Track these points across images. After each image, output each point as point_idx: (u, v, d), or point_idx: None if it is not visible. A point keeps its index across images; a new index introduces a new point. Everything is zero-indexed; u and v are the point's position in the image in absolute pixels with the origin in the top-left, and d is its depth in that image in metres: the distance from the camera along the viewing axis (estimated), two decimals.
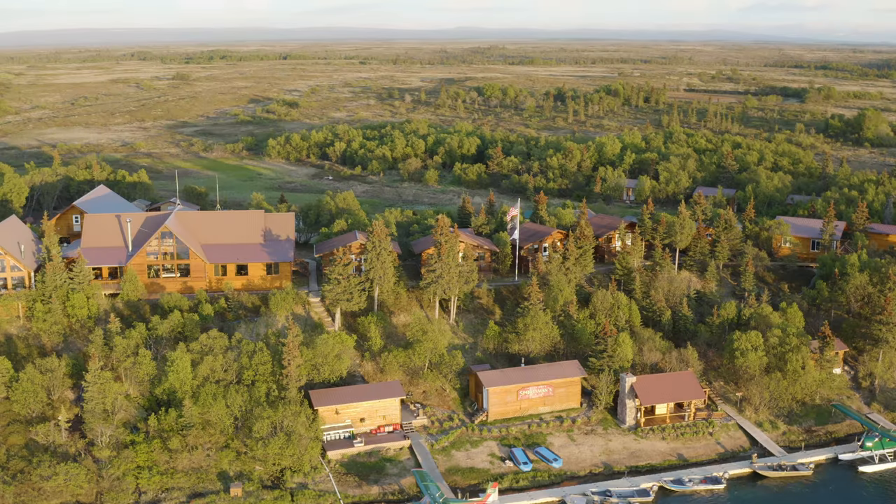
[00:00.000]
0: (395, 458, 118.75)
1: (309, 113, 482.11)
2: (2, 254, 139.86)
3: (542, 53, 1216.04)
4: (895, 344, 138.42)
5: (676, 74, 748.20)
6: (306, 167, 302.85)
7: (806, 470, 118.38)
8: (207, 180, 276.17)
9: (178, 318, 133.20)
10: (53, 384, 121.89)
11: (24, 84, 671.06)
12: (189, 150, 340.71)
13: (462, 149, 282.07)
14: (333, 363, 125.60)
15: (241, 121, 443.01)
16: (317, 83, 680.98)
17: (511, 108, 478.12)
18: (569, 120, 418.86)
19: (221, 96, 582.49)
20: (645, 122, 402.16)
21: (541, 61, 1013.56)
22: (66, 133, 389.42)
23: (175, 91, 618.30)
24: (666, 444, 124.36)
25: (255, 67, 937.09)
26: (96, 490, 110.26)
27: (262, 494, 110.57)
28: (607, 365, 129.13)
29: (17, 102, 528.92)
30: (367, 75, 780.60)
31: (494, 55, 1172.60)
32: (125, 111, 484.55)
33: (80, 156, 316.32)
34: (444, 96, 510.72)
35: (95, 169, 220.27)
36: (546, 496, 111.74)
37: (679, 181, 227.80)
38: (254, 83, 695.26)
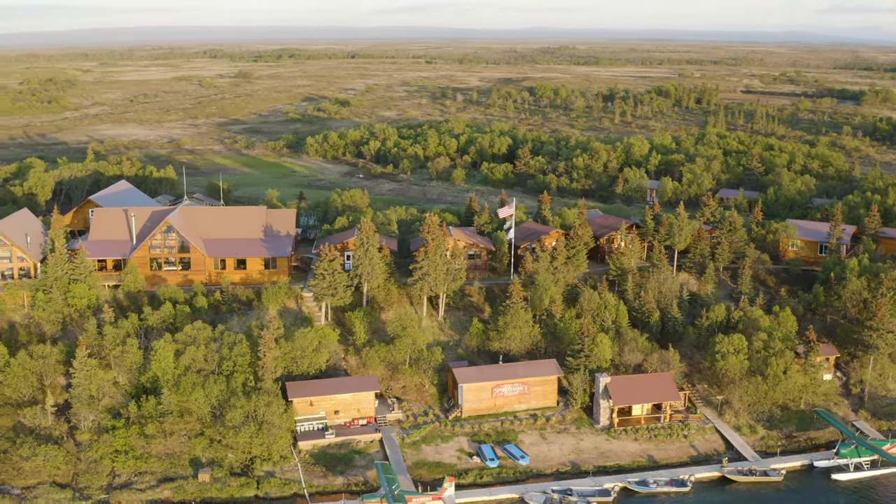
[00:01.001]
0: (365, 451, 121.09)
1: (359, 111, 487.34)
2: (8, 245, 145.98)
3: (612, 54, 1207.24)
4: (886, 350, 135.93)
5: (738, 76, 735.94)
6: (341, 165, 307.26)
7: (776, 476, 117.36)
8: (243, 177, 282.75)
9: (169, 310, 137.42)
10: (46, 370, 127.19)
11: (90, 81, 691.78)
12: (232, 147, 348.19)
13: (493, 148, 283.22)
14: (312, 356, 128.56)
15: (290, 119, 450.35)
16: (375, 82, 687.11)
17: (560, 108, 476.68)
18: (615, 121, 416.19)
19: (277, 94, 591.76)
20: (692, 123, 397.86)
21: (606, 62, 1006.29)
22: (118, 129, 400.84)
23: (234, 89, 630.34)
24: (638, 446, 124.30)
25: (319, 66, 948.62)
26: (73, 472, 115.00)
27: (229, 481, 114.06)
28: (584, 364, 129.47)
29: (78, 99, 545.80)
30: (427, 74, 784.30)
31: (563, 55, 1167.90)
32: (180, 108, 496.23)
33: (125, 151, 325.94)
34: (496, 96, 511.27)
35: (125, 165, 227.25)
36: (507, 493, 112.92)
37: (702, 183, 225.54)
38: (314, 81, 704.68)
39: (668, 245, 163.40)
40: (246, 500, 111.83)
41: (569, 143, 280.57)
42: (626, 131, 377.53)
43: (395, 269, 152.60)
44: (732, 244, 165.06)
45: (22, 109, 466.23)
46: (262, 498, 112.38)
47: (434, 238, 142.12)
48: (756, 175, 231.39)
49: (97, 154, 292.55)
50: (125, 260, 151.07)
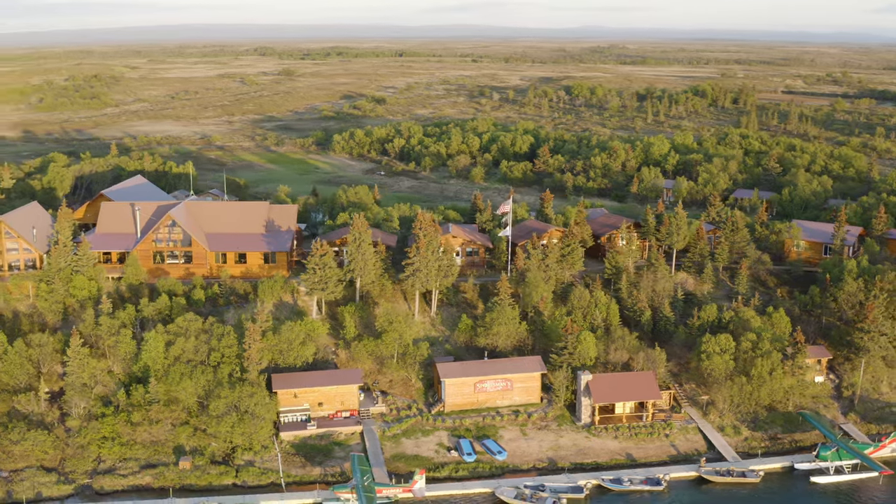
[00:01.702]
0: (345, 443, 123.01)
1: (394, 109, 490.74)
2: (15, 237, 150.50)
3: (661, 53, 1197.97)
4: (878, 353, 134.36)
5: (783, 76, 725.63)
6: (366, 162, 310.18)
7: (754, 477, 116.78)
8: (267, 173, 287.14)
9: (165, 302, 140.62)
10: (43, 358, 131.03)
11: (135, 78, 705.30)
12: (261, 144, 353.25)
13: (514, 147, 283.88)
14: (299, 349, 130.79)
15: (324, 116, 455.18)
16: (416, 80, 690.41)
17: (595, 107, 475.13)
18: (648, 120, 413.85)
19: (317, 92, 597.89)
20: (725, 123, 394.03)
21: (652, 61, 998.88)
22: (153, 126, 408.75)
23: (275, 86, 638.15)
24: (617, 444, 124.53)
25: (364, 64, 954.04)
26: (60, 456, 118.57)
27: (208, 469, 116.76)
28: (567, 362, 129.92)
29: (121, 95, 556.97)
30: (470, 73, 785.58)
31: (612, 55, 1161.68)
32: (218, 105, 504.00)
33: (156, 147, 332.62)
34: (531, 95, 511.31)
35: (146, 160, 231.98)
36: (480, 487, 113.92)
37: (717, 183, 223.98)
38: (355, 79, 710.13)
39: (669, 244, 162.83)
40: (224, 488, 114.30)
41: (590, 143, 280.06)
42: (658, 130, 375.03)
43: (393, 265, 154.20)
44: (735, 244, 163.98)
45: (63, 105, 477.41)
46: (240, 486, 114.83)
47: (426, 235, 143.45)
48: (773, 175, 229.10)
49: (126, 149, 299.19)
50: (129, 253, 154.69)
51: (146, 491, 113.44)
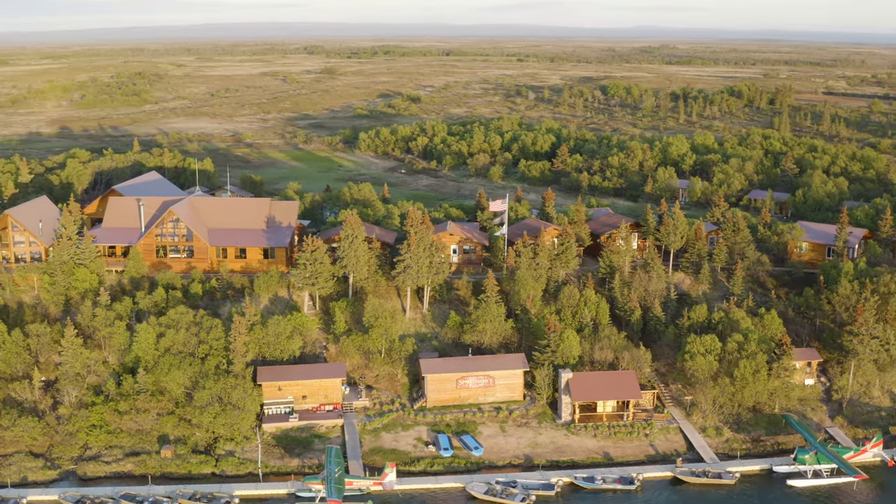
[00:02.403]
0: (326, 436, 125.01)
1: (428, 108, 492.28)
2: (21, 229, 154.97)
3: (712, 54, 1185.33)
4: (868, 357, 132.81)
5: (826, 77, 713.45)
6: (389, 160, 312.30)
7: (730, 478, 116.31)
8: (290, 170, 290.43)
9: (161, 295, 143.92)
10: (41, 348, 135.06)
11: (178, 76, 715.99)
12: (290, 142, 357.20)
13: (535, 146, 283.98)
14: (285, 343, 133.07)
15: (357, 115, 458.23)
16: (456, 79, 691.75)
17: (629, 107, 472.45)
18: (680, 120, 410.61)
19: (355, 91, 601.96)
20: (758, 124, 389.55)
21: (699, 61, 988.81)
22: (189, 123, 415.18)
23: (315, 85, 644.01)
24: (596, 442, 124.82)
25: (409, 63, 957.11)
26: (49, 443, 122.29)
27: (189, 458, 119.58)
28: (549, 360, 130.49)
29: (162, 93, 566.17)
30: (512, 72, 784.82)
31: (661, 55, 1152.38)
32: (255, 103, 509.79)
33: (187, 143, 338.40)
34: (567, 94, 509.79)
35: (167, 156, 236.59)
36: (451, 482, 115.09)
37: (732, 183, 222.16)
38: (396, 78, 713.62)
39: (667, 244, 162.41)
40: (202, 477, 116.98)
41: (610, 142, 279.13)
42: (689, 131, 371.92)
43: (389, 262, 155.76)
44: (736, 245, 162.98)
45: (104, 102, 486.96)
46: (218, 475, 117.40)
47: (417, 232, 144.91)
48: (790, 176, 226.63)
49: (156, 145, 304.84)
50: (133, 247, 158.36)
51: (128, 478, 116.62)
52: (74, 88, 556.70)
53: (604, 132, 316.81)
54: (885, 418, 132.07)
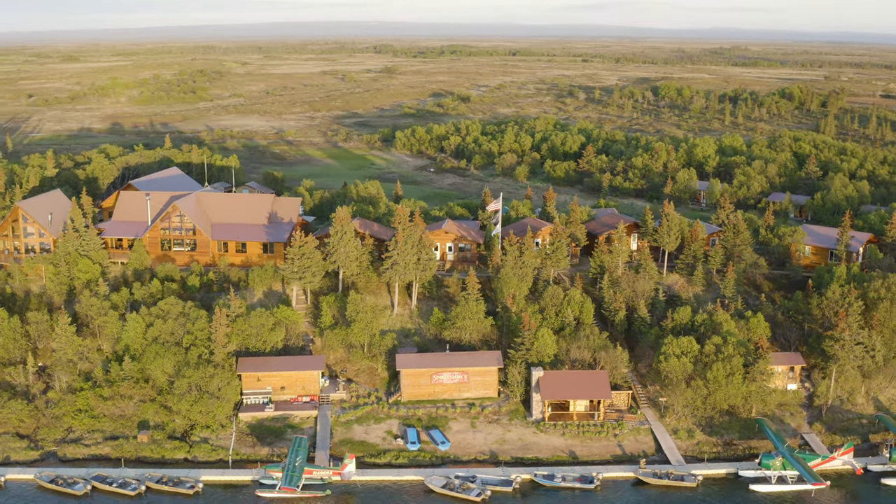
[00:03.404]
0: (299, 426, 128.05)
1: (476, 108, 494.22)
2: (31, 221, 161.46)
3: (783, 56, 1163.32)
4: (851, 363, 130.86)
5: (888, 80, 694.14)
6: (422, 159, 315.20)
7: (692, 481, 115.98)
8: (321, 167, 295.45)
9: (157, 286, 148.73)
10: (39, 335, 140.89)
11: (240, 74, 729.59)
12: (330, 140, 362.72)
13: (564, 146, 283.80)
14: (266, 335, 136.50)
15: (404, 114, 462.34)
16: (513, 80, 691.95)
17: (678, 108, 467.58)
18: (725, 122, 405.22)
19: (409, 90, 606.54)
20: (805, 126, 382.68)
21: (764, 63, 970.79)
22: (238, 120, 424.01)
23: (372, 84, 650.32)
24: (563, 441, 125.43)
25: (471, 63, 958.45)
26: (35, 425, 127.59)
27: (164, 443, 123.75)
28: (523, 358, 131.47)
29: (220, 90, 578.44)
30: (570, 73, 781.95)
31: (731, 56, 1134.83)
32: (307, 101, 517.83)
33: (229, 140, 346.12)
34: (617, 95, 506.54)
35: (195, 153, 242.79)
36: (411, 475, 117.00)
37: (752, 185, 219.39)
38: (453, 78, 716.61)
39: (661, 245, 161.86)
40: (175, 462, 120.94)
41: (638, 143, 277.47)
42: (734, 131, 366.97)
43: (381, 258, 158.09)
44: (736, 247, 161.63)
45: (160, 99, 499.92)
46: (190, 461, 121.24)
47: (404, 229, 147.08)
48: (813, 179, 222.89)
49: (200, 142, 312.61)
50: (139, 240, 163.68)
51: (105, 460, 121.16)
52: (135, 85, 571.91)
53: (633, 134, 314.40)
54: (866, 426, 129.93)
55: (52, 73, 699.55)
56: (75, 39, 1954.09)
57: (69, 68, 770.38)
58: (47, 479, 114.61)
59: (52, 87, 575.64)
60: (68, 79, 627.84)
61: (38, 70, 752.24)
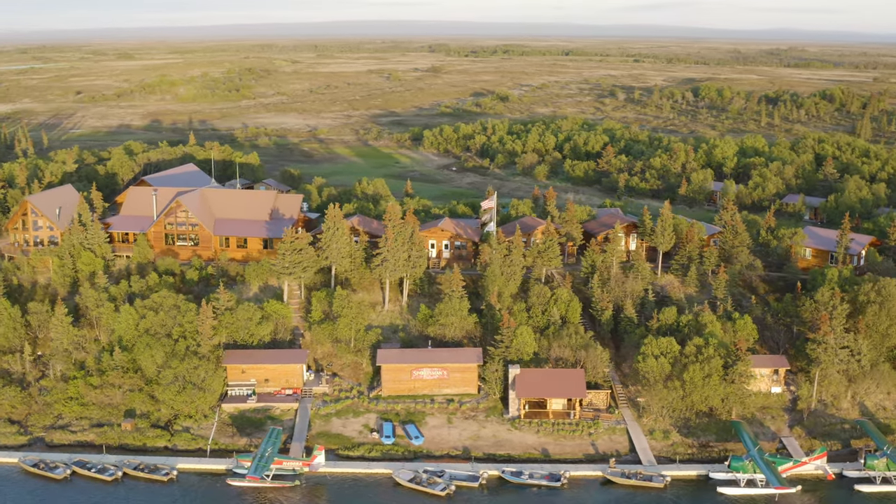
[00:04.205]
0: (279, 418, 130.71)
1: (514, 107, 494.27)
2: (39, 215, 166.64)
3: (839, 57, 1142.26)
4: (833, 366, 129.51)
5: None
6: (448, 157, 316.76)
7: (659, 482, 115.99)
8: (346, 165, 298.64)
9: (155, 280, 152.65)
10: (39, 325, 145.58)
11: (287, 72, 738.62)
12: (361, 138, 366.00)
13: (587, 146, 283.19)
14: (253, 328, 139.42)
15: (441, 113, 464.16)
16: (557, 79, 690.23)
17: (716, 109, 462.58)
18: (762, 123, 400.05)
19: (451, 89, 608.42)
20: (841, 128, 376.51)
21: (817, 64, 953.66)
22: (275, 118, 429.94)
23: (416, 83, 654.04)
24: (537, 438, 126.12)
25: (520, 62, 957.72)
26: (27, 412, 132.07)
27: (147, 431, 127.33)
28: (502, 355, 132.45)
29: (265, 88, 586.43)
30: (617, 73, 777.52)
31: (787, 57, 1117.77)
32: (348, 100, 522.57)
33: (262, 137, 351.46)
34: (657, 96, 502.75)
35: (216, 150, 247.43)
36: (381, 468, 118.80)
37: (767, 187, 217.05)
38: (497, 77, 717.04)
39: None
40: (155, 449, 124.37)
41: (660, 143, 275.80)
42: (766, 133, 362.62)
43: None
44: (734, 248, 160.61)
45: (203, 97, 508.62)
46: (170, 449, 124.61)
47: (394, 226, 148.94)
48: (830, 181, 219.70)
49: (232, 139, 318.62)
50: (145, 234, 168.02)
51: (89, 447, 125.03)
52: (181, 83, 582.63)
53: (657, 134, 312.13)
54: (848, 431, 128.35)
55: (103, 71, 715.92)
56: (139, 37, 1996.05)
57: (121, 66, 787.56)
58: (30, 464, 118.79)
59: (100, 84, 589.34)
60: (117, 76, 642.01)
61: (91, 67, 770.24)
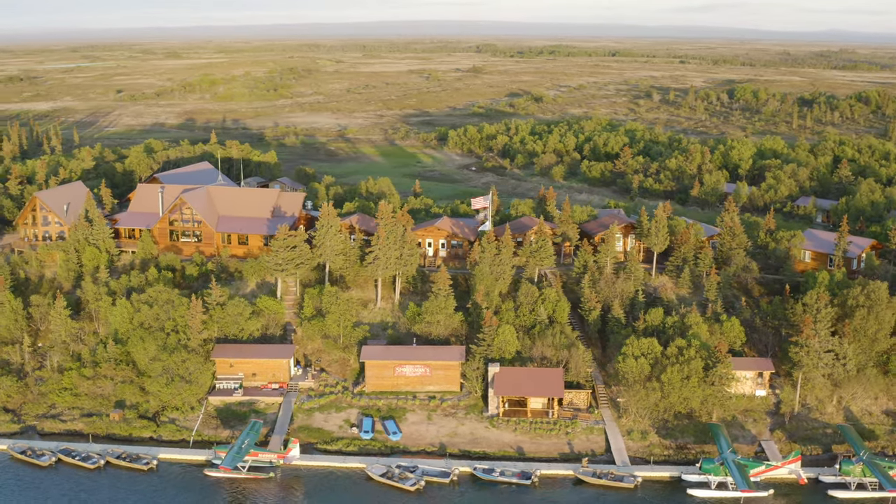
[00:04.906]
0: (263, 411, 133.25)
1: (546, 108, 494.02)
2: (47, 210, 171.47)
3: (891, 60, 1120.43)
4: (817, 370, 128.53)
5: None
6: (471, 157, 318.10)
7: (630, 482, 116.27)
8: (367, 164, 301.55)
9: (154, 274, 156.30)
10: (41, 317, 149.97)
11: (329, 72, 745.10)
12: (388, 138, 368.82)
13: (606, 147, 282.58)
14: (243, 323, 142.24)
15: (472, 113, 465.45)
16: (596, 80, 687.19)
17: (751, 111, 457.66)
18: (794, 125, 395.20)
19: (489, 89, 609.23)
20: (873, 131, 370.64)
21: (864, 66, 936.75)
22: (308, 117, 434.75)
23: (454, 83, 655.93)
24: (513, 437, 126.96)
25: (566, 63, 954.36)
26: (22, 401, 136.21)
27: (134, 422, 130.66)
28: (484, 353, 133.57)
29: (304, 88, 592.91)
30: (658, 74, 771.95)
31: (839, 59, 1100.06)
32: (383, 100, 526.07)
33: (290, 136, 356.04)
34: (692, 97, 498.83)
35: (235, 148, 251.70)
36: (356, 462, 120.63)
37: (779, 189, 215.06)
38: (537, 77, 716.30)
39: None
40: (141, 440, 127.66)
41: (680, 144, 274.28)
42: (794, 136, 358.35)
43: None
44: (731, 250, 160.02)
45: (241, 96, 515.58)
46: (155, 439, 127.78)
47: (386, 225, 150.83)
48: (844, 184, 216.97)
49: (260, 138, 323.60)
50: (150, 230, 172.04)
51: (78, 435, 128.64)
52: (221, 83, 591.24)
53: (677, 135, 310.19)
54: (830, 436, 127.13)
55: (148, 70, 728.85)
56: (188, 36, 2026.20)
57: (167, 64, 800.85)
58: (19, 451, 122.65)
59: (143, 83, 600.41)
60: (161, 75, 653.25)
61: (138, 66, 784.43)
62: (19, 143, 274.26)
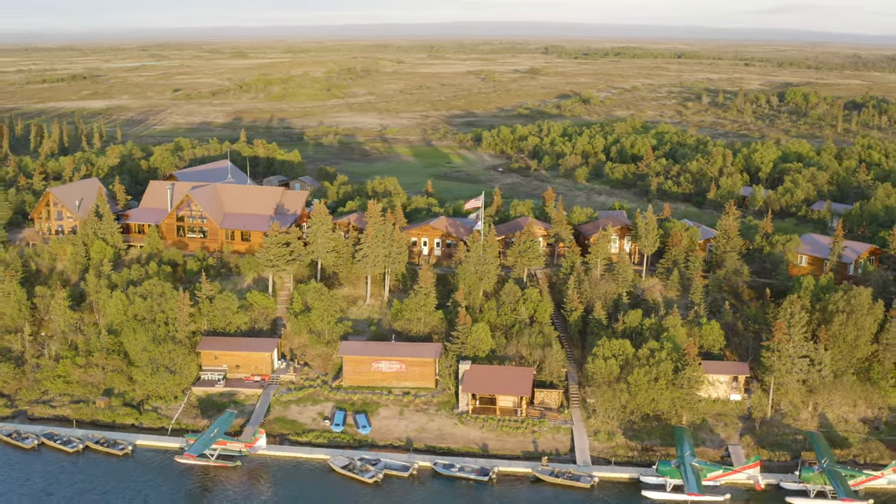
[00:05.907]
0: (243, 403, 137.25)
1: (593, 110, 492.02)
2: (61, 206, 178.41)
3: None
4: (788, 375, 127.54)
5: None
6: (501, 158, 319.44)
7: (586, 482, 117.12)
8: (396, 164, 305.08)
9: (154, 268, 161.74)
10: (45, 307, 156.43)
11: (388, 72, 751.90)
12: (426, 138, 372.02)
13: (633, 149, 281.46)
14: (230, 316, 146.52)
15: (517, 114, 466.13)
16: (651, 82, 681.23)
17: (798, 113, 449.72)
18: (839, 129, 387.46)
19: (541, 90, 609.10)
20: None
21: None
22: (355, 117, 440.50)
23: (508, 84, 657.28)
24: (479, 433, 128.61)
25: (629, 65, 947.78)
26: (17, 387, 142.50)
27: (118, 409, 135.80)
28: (458, 351, 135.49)
29: (359, 88, 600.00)
30: (714, 76, 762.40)
31: None
32: (432, 100, 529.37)
33: (330, 135, 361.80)
34: (740, 100, 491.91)
35: (261, 147, 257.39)
36: (320, 454, 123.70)
37: (795, 192, 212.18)
38: (592, 79, 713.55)
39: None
40: (123, 426, 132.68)
41: (706, 146, 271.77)
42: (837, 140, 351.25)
43: None
44: (724, 253, 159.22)
45: (293, 96, 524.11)
46: (137, 426, 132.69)
47: (374, 224, 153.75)
48: (863, 188, 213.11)
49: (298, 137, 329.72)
50: (158, 226, 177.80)
51: (64, 421, 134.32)
52: (276, 82, 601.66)
53: (705, 138, 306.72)
54: (800, 442, 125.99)
55: (211, 69, 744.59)
56: (258, 36, 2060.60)
57: (231, 64, 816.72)
58: (6, 433, 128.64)
59: (202, 83, 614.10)
60: (221, 74, 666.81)
61: (201, 65, 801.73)
62: (59, 140, 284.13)
